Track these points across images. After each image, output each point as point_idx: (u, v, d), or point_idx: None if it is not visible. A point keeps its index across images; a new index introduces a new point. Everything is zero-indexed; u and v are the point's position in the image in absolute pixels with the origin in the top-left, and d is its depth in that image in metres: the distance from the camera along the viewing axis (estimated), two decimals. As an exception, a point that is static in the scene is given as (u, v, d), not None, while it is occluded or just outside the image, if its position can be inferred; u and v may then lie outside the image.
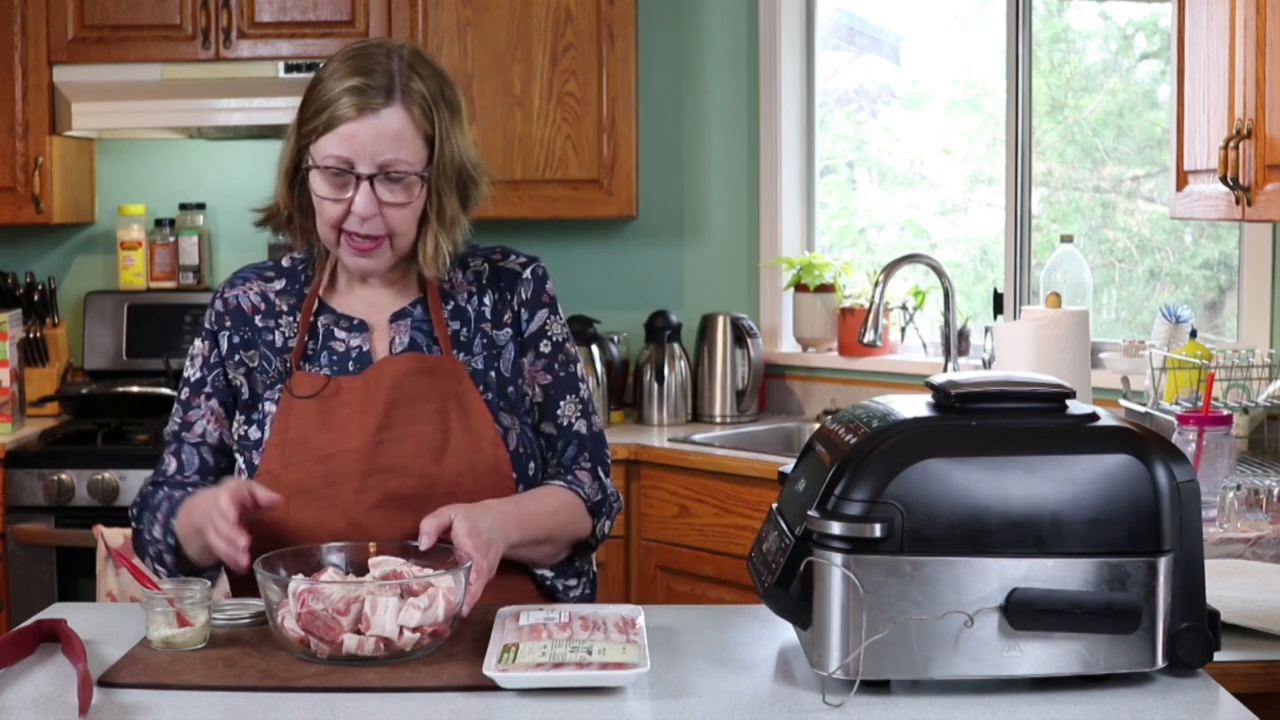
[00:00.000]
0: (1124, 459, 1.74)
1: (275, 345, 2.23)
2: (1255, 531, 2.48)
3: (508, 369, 2.23)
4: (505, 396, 2.21)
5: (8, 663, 1.85)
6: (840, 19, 4.60)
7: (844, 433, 1.82)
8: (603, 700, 1.72)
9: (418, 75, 2.11)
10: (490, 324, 2.23)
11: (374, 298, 2.24)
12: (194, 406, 2.25)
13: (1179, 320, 3.41)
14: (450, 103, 2.15)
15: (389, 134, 2.08)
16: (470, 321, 2.23)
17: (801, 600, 1.77)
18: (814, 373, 4.39)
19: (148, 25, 4.15)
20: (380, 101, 2.08)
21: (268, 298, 2.26)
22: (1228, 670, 1.87)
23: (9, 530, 3.84)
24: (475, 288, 2.25)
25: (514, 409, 2.22)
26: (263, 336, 2.23)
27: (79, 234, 4.58)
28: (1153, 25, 4.05)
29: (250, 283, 2.28)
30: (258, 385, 2.23)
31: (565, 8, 4.18)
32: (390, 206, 2.11)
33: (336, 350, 2.21)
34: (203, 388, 2.25)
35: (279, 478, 2.13)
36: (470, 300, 2.24)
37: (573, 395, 2.26)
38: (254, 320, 2.25)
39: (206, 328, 2.27)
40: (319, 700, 1.73)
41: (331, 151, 2.09)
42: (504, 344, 2.23)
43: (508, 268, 2.27)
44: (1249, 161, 2.82)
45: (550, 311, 2.27)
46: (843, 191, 4.67)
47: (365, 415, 2.15)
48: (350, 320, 2.23)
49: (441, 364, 2.18)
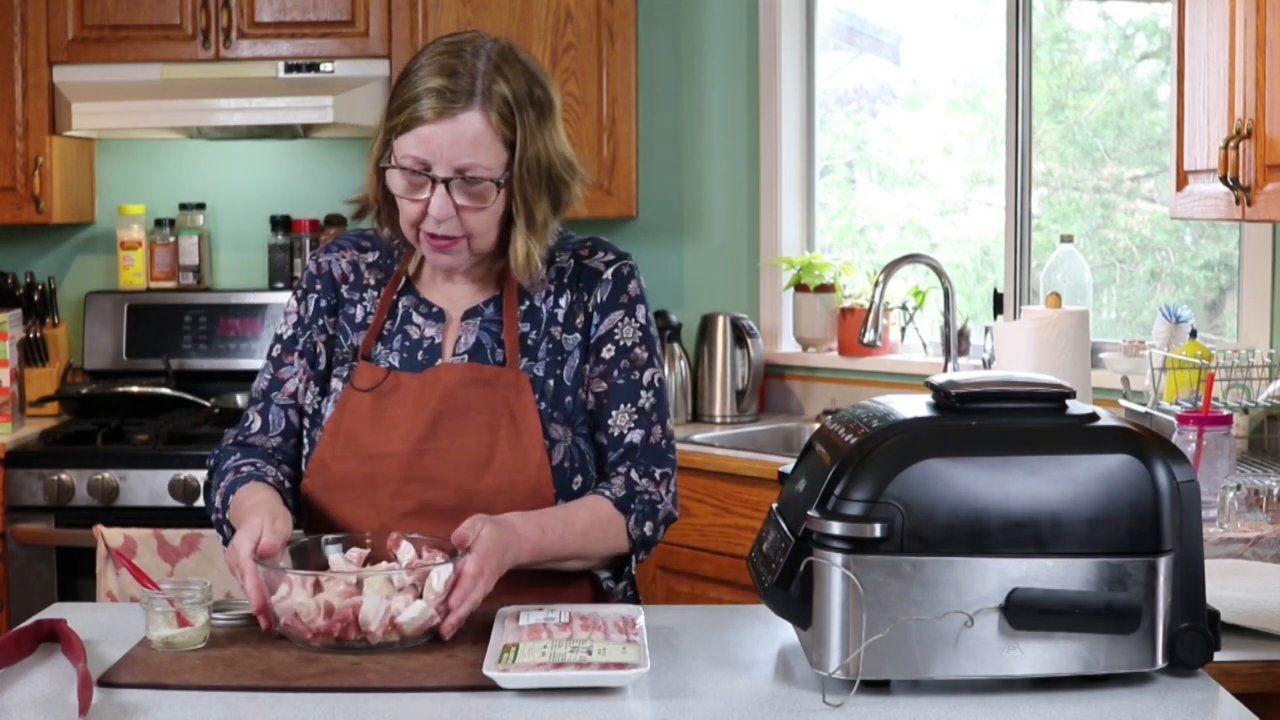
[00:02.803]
0: (1124, 459, 1.74)
1: (355, 320, 2.23)
2: (1255, 531, 2.48)
3: (570, 377, 2.18)
4: (561, 406, 2.17)
5: (8, 663, 1.85)
6: (840, 19, 4.60)
7: (844, 433, 1.82)
8: (603, 700, 1.72)
9: (503, 76, 2.07)
10: (561, 327, 2.19)
11: (455, 290, 2.22)
12: (286, 364, 2.24)
13: (1179, 320, 3.41)
14: (539, 102, 2.10)
15: (466, 139, 2.05)
16: (541, 324, 2.19)
17: (801, 600, 1.77)
18: (814, 373, 4.39)
19: (148, 25, 4.15)
20: (460, 105, 2.04)
21: (358, 268, 2.26)
22: (1228, 670, 1.87)
23: (9, 530, 3.85)
24: (555, 286, 2.21)
25: (569, 420, 2.17)
26: (345, 309, 2.24)
27: (79, 234, 4.58)
28: (1153, 25, 4.05)
29: (345, 251, 2.27)
30: (333, 357, 2.23)
31: (565, 8, 4.18)
32: (467, 210, 2.08)
33: (411, 336, 2.20)
34: (295, 345, 2.25)
35: (328, 467, 2.15)
36: (546, 300, 2.20)
37: (628, 404, 2.18)
38: (341, 289, 2.25)
39: (301, 289, 2.27)
40: (319, 700, 1.73)
41: (409, 152, 2.06)
42: (570, 349, 2.19)
43: (591, 266, 2.22)
44: (1249, 161, 2.82)
45: (626, 314, 2.19)
46: (843, 191, 4.67)
47: (414, 420, 2.13)
48: (430, 307, 2.22)
49: (502, 376, 2.14)
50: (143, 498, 3.82)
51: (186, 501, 3.80)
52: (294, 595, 1.88)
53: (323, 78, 4.14)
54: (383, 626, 1.86)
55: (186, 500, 3.80)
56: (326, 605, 1.86)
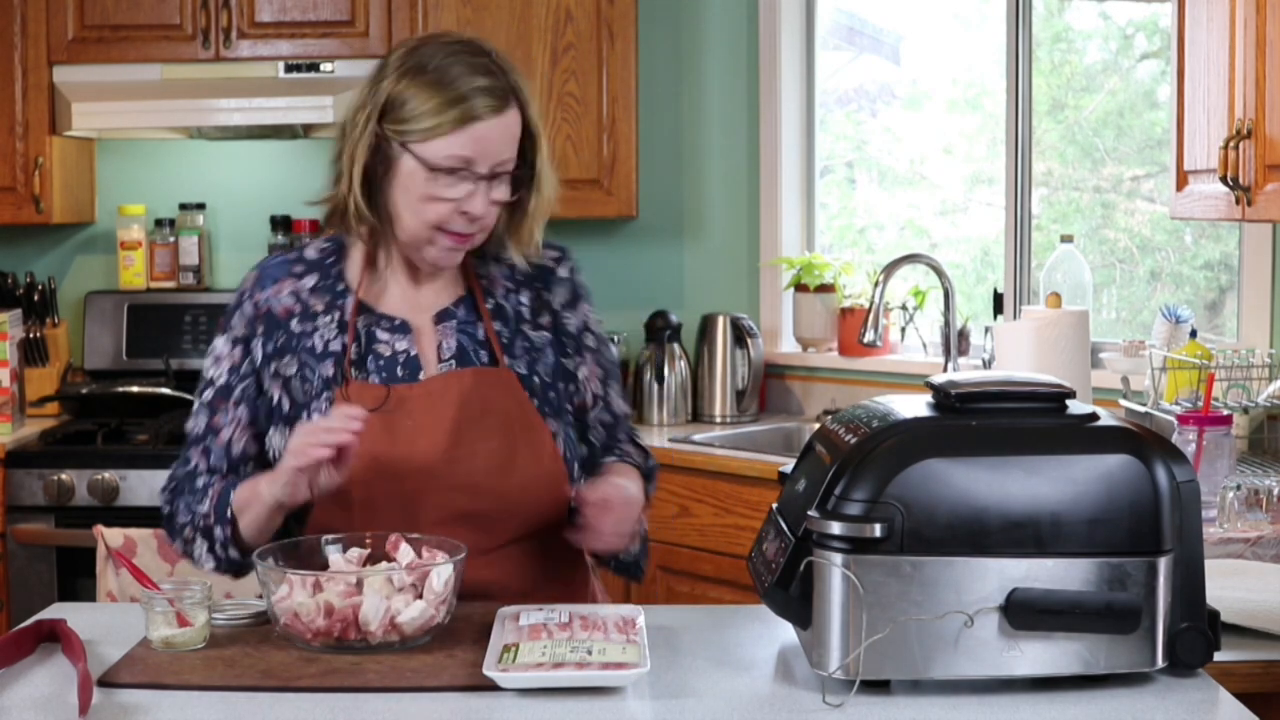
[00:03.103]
0: (1124, 459, 1.74)
1: (316, 351, 2.13)
2: (1255, 531, 2.48)
3: (548, 372, 2.18)
4: (548, 401, 2.17)
5: (8, 663, 1.85)
6: (840, 19, 4.60)
7: (844, 433, 1.82)
8: (603, 700, 1.72)
9: (519, 74, 2.11)
10: (529, 324, 2.19)
11: (414, 296, 2.17)
12: (220, 411, 2.15)
13: (1179, 320, 3.41)
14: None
15: (511, 135, 2.07)
16: (510, 321, 2.18)
17: (801, 600, 1.77)
18: (814, 373, 4.39)
19: (148, 25, 4.15)
20: (507, 102, 2.06)
21: (301, 298, 2.15)
22: (1228, 670, 1.87)
23: (9, 530, 3.84)
24: (512, 283, 2.21)
25: (557, 413, 2.17)
26: (301, 342, 2.13)
27: (79, 234, 4.58)
28: (1153, 25, 4.05)
29: (281, 283, 2.16)
30: (298, 394, 2.12)
31: (565, 8, 4.18)
32: (494, 204, 2.09)
33: (383, 355, 2.14)
34: (230, 394, 2.15)
35: (347, 493, 2.05)
36: (508, 298, 2.20)
37: (616, 381, 2.28)
38: (289, 325, 2.14)
39: (236, 333, 2.16)
40: (319, 700, 1.73)
41: (455, 151, 2.03)
42: (542, 346, 2.19)
43: (542, 264, 2.23)
44: (1249, 161, 2.82)
45: (586, 301, 2.26)
46: (843, 191, 4.67)
47: (434, 430, 2.09)
48: (392, 321, 2.15)
49: (500, 376, 2.14)
50: (143, 498, 3.82)
51: (186, 501, 3.80)
52: (294, 595, 1.88)
53: (323, 78, 4.14)
54: (383, 626, 1.86)
55: (186, 500, 3.80)
56: (326, 605, 1.86)
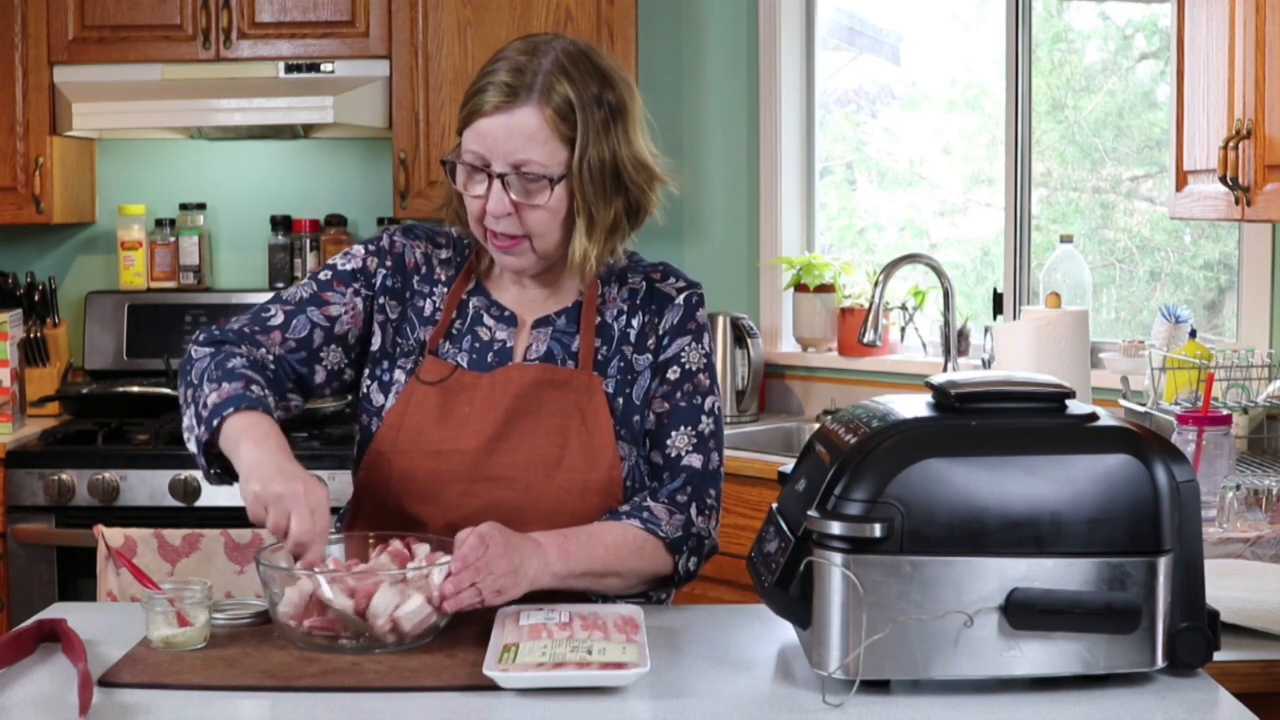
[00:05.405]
0: (1124, 459, 1.74)
1: (423, 313, 2.19)
2: (1255, 531, 2.48)
3: (639, 396, 2.17)
4: (629, 424, 2.16)
5: (8, 663, 1.85)
6: (840, 19, 4.60)
7: (844, 433, 1.82)
8: (603, 700, 1.72)
9: (567, 76, 2.07)
10: (632, 347, 2.18)
11: (527, 295, 2.20)
12: (338, 291, 2.17)
13: (1179, 320, 3.41)
14: (610, 105, 2.11)
15: (521, 133, 2.05)
16: (613, 341, 2.18)
17: (801, 600, 1.77)
18: (814, 373, 4.39)
19: (148, 25, 4.15)
20: (518, 101, 2.05)
21: (430, 261, 2.22)
22: (1228, 670, 1.88)
23: (9, 530, 3.85)
24: (627, 306, 2.20)
25: (634, 439, 2.16)
26: (413, 301, 2.19)
27: (79, 234, 4.58)
28: (1152, 25, 4.05)
29: (420, 241, 2.23)
30: (389, 344, 2.18)
31: (565, 8, 4.18)
32: (524, 208, 2.07)
33: (481, 337, 2.18)
34: (354, 281, 2.18)
35: (389, 460, 2.11)
36: (619, 319, 2.19)
37: (688, 427, 2.16)
38: (411, 278, 2.20)
39: (373, 250, 2.20)
40: (319, 700, 1.73)
41: (470, 146, 2.07)
42: (641, 370, 2.18)
43: (663, 290, 2.22)
44: (1249, 161, 2.82)
45: (693, 339, 2.20)
46: (842, 192, 4.67)
47: (484, 418, 2.11)
48: (503, 310, 2.19)
49: (574, 378, 2.14)
50: (143, 497, 3.82)
51: (187, 501, 3.80)
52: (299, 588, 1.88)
53: (323, 78, 4.14)
54: (387, 620, 1.85)
55: (187, 500, 3.80)
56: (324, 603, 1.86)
